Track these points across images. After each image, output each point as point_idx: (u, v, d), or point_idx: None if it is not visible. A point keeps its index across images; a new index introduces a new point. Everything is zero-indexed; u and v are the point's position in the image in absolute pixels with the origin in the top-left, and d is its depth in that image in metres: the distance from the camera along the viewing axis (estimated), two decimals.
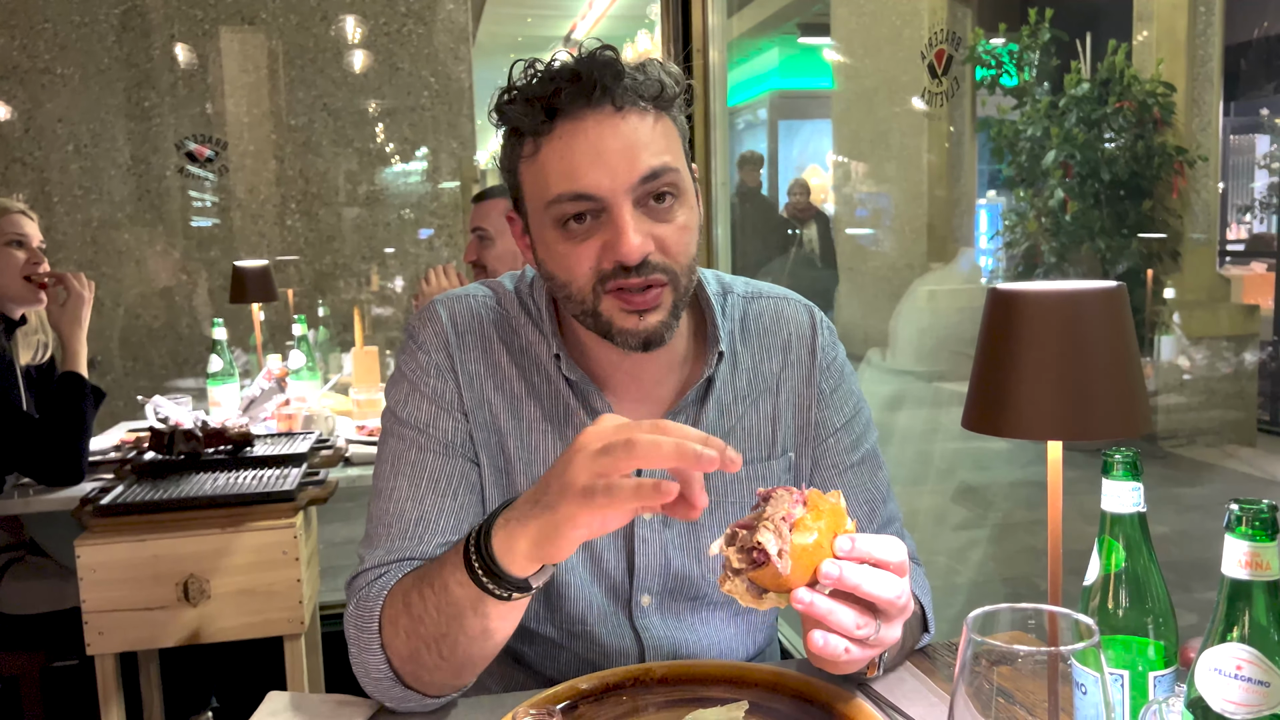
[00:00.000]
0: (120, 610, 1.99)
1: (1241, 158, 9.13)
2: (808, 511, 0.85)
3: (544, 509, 0.87)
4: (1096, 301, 0.85)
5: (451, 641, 0.96)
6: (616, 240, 0.99)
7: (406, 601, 0.99)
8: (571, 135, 1.00)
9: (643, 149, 1.00)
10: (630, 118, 1.01)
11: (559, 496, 0.85)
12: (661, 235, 1.02)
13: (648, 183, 1.00)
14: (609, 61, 1.01)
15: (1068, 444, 0.87)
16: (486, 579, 0.91)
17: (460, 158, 4.53)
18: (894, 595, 0.85)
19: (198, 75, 4.24)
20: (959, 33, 4.73)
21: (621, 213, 0.99)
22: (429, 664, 0.99)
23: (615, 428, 0.85)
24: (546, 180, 1.01)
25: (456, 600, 0.94)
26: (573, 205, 1.00)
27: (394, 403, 1.15)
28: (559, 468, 0.87)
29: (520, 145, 1.04)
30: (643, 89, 1.01)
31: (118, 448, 2.63)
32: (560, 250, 1.03)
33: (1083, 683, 0.81)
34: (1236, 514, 0.71)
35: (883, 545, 0.87)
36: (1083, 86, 5.40)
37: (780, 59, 10.00)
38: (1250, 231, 8.96)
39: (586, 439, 0.85)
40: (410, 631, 0.98)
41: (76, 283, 2.44)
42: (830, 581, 0.84)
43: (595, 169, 0.99)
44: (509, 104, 1.03)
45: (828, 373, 1.21)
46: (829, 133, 7.51)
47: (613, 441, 0.83)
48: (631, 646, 1.16)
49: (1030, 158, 5.53)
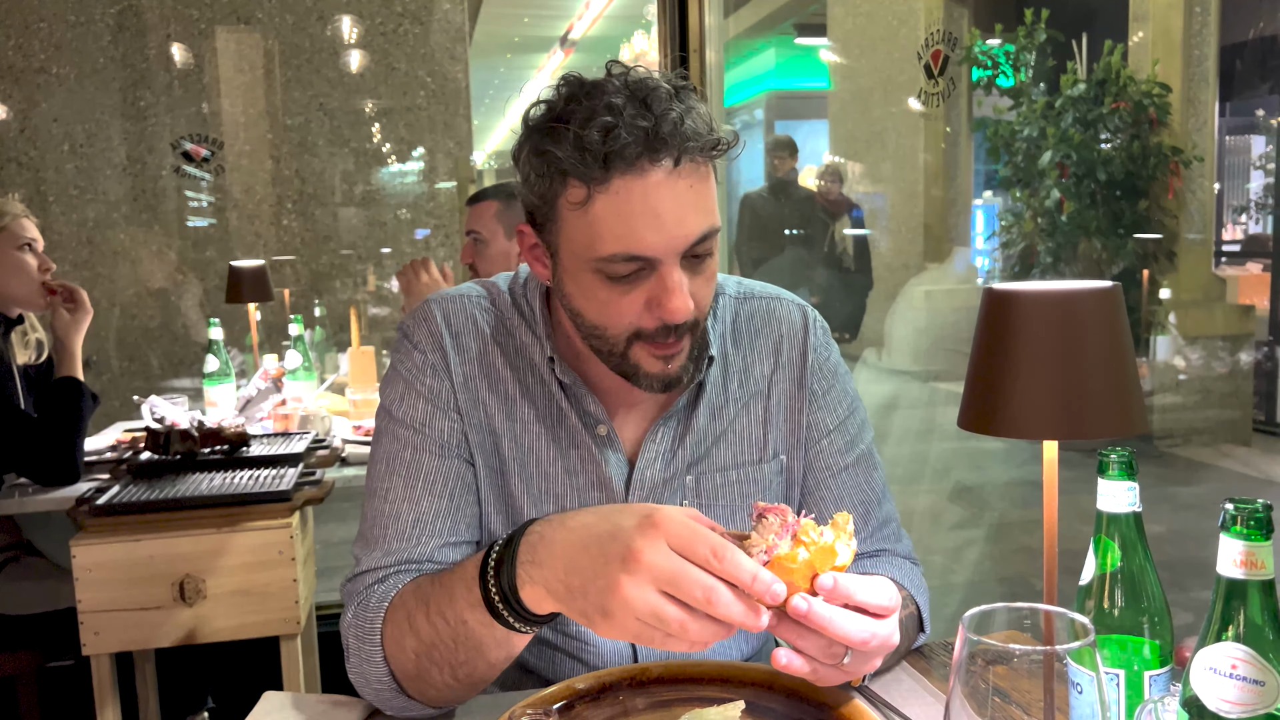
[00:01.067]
0: (116, 610, 1.99)
1: (1237, 158, 9.15)
2: (794, 546, 0.84)
3: (580, 611, 0.84)
4: (1092, 301, 0.85)
5: (470, 668, 0.96)
6: (665, 299, 0.98)
7: (413, 625, 0.98)
8: (629, 193, 0.96)
9: (696, 210, 0.98)
10: (685, 175, 0.98)
11: (599, 614, 0.82)
12: (695, 288, 1.02)
13: (696, 245, 1.00)
14: (668, 108, 0.96)
15: (1063, 443, 0.87)
16: (513, 618, 0.91)
17: (457, 158, 4.52)
18: (862, 638, 0.84)
19: (193, 75, 4.23)
20: (955, 33, 4.73)
21: (672, 272, 0.99)
22: (439, 684, 0.99)
23: (674, 571, 0.80)
24: (599, 234, 0.98)
25: (477, 636, 0.93)
26: (625, 266, 0.98)
27: (389, 401, 1.14)
28: (607, 572, 0.81)
29: (564, 184, 0.98)
30: (701, 143, 0.98)
31: (114, 448, 2.62)
32: (601, 298, 1.01)
33: (1078, 682, 0.81)
34: (1232, 513, 0.71)
35: (867, 588, 0.86)
36: (1079, 87, 5.41)
37: (777, 59, 10.01)
38: (1246, 232, 8.98)
39: (642, 562, 0.80)
40: (420, 654, 0.98)
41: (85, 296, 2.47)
42: (798, 617, 0.83)
43: (652, 232, 0.97)
44: (553, 138, 0.97)
45: (819, 373, 1.20)
46: (825, 133, 7.50)
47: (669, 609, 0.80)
48: (625, 648, 1.16)
49: (1026, 158, 5.53)
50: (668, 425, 1.15)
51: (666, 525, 0.82)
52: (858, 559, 1.19)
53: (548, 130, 0.98)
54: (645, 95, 0.97)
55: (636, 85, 0.98)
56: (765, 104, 10.42)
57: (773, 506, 0.86)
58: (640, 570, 0.80)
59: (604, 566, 0.82)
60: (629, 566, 0.80)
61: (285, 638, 2.09)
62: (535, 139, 1.00)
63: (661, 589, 0.80)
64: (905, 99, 5.73)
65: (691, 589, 0.79)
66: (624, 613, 0.80)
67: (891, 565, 1.19)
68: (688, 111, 0.98)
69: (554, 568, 0.86)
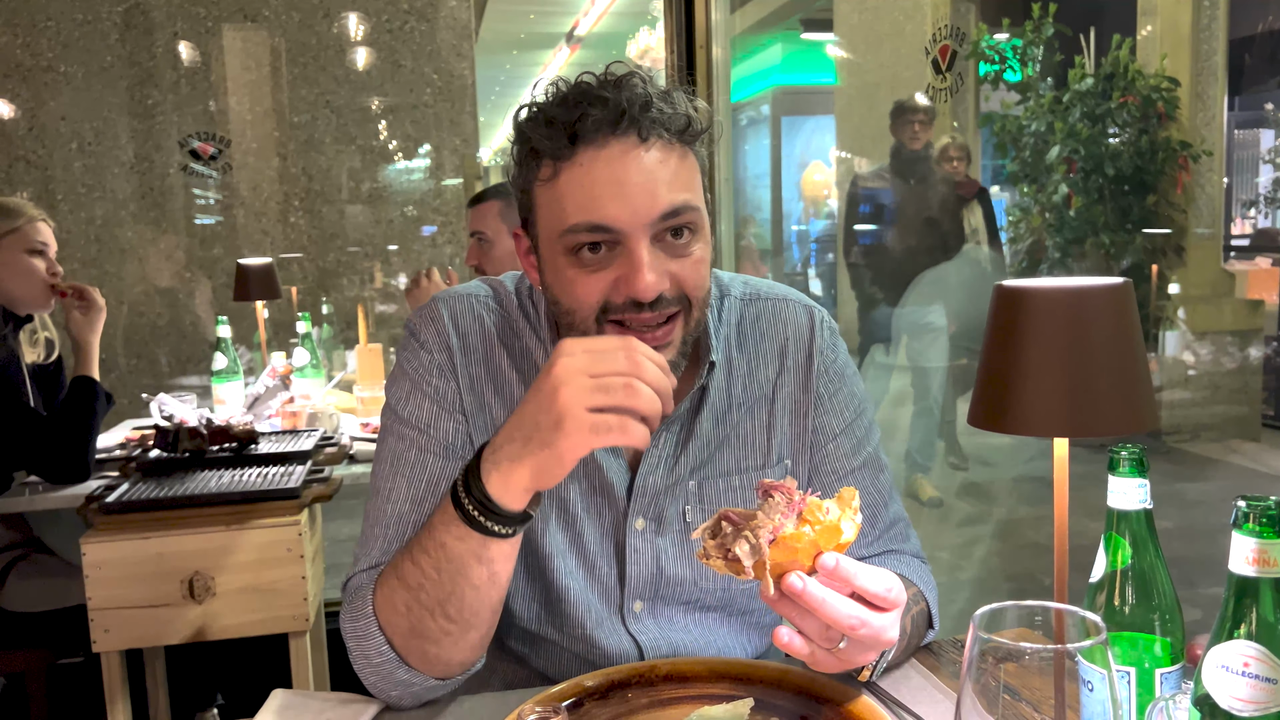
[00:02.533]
0: (126, 607, 1.99)
1: (1246, 152, 9.10)
2: (799, 525, 0.84)
3: (540, 445, 0.89)
4: (1103, 298, 0.84)
5: (459, 598, 0.96)
6: (633, 276, 0.98)
7: (400, 575, 0.99)
8: (593, 163, 0.98)
9: (664, 184, 0.99)
10: (654, 150, 0.99)
11: (556, 432, 0.88)
12: (677, 271, 1.01)
13: (667, 219, 0.99)
14: (637, 90, 0.99)
15: (1073, 440, 0.87)
16: (487, 520, 0.93)
17: (463, 155, 4.52)
18: (851, 624, 0.84)
19: (200, 73, 4.23)
20: (962, 28, 4.71)
21: (639, 248, 0.98)
22: (435, 632, 0.99)
23: (591, 355, 0.89)
24: (564, 207, 0.99)
25: (458, 555, 0.94)
26: (589, 235, 0.99)
27: (395, 400, 1.14)
28: (544, 401, 0.89)
29: (537, 167, 1.01)
30: (669, 122, 1.00)
31: (123, 445, 2.63)
32: (568, 276, 1.02)
33: (1089, 680, 0.81)
34: (1244, 510, 0.71)
35: (867, 574, 0.86)
36: (1086, 81, 5.38)
37: (783, 55, 9.98)
38: (1255, 226, 8.94)
39: (564, 371, 0.88)
40: (411, 604, 0.98)
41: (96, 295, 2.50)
42: (792, 595, 0.84)
43: (615, 201, 0.97)
44: (529, 123, 1.01)
45: (825, 376, 1.19)
46: (832, 129, 7.49)
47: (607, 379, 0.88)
48: (630, 648, 1.16)
49: (1034, 153, 5.51)
50: (670, 431, 1.14)
51: (570, 340, 0.92)
52: (866, 561, 1.19)
53: (524, 118, 1.02)
54: (617, 79, 1.00)
55: (613, 74, 1.01)
56: (771, 99, 10.39)
57: (778, 484, 0.86)
58: (564, 373, 0.88)
59: (539, 397, 0.90)
60: (555, 379, 0.89)
61: (294, 635, 2.09)
62: (516, 129, 1.04)
63: (591, 374, 0.88)
64: (912, 95, 5.71)
65: (613, 353, 0.89)
66: (570, 410, 0.87)
67: (900, 563, 1.19)
68: (660, 95, 1.00)
69: (507, 438, 0.92)
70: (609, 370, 0.88)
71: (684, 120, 1.01)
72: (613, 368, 0.88)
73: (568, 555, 1.14)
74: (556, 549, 1.14)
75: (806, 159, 10.20)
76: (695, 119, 1.02)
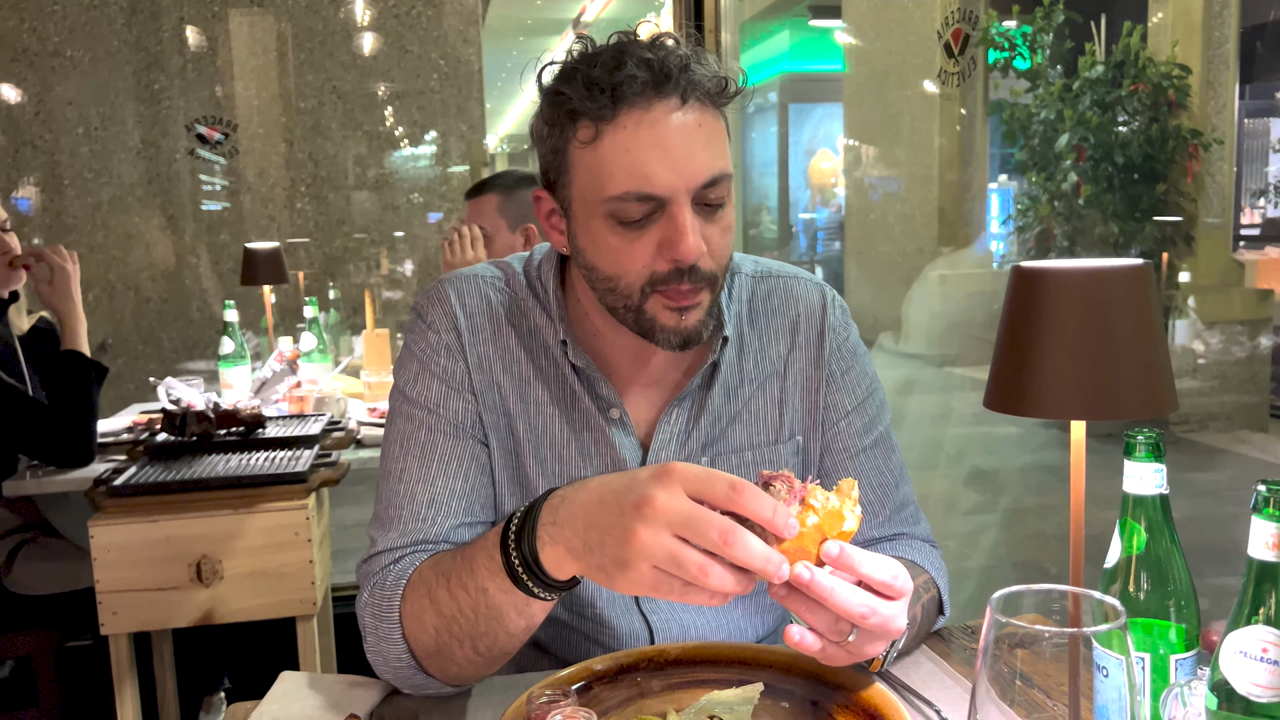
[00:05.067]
0: (134, 590, 2.00)
1: (1256, 141, 9.05)
2: (802, 512, 0.84)
3: (598, 567, 0.84)
4: (1122, 280, 0.83)
5: (491, 639, 0.96)
6: (677, 239, 0.97)
7: (433, 599, 0.97)
8: (637, 126, 0.96)
9: (705, 149, 0.98)
10: (693, 112, 0.98)
11: (617, 568, 0.82)
12: (710, 237, 1.00)
13: (709, 187, 0.99)
14: (675, 49, 0.98)
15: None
16: (533, 585, 0.90)
17: (470, 141, 4.51)
18: (861, 613, 0.83)
19: (207, 58, 4.23)
20: (974, 13, 4.68)
21: (683, 212, 0.97)
22: (460, 659, 0.98)
23: (687, 516, 0.79)
24: (609, 173, 0.98)
25: (498, 604, 0.93)
26: (638, 206, 0.98)
27: (403, 382, 1.13)
28: (623, 525, 0.81)
29: (573, 127, 0.99)
30: (708, 83, 0.99)
31: (130, 429, 2.63)
32: (613, 244, 1.00)
33: (1104, 665, 0.80)
34: (1264, 495, 0.70)
35: (872, 562, 0.85)
36: (1097, 69, 5.35)
37: (791, 42, 9.94)
38: (1265, 216, 8.89)
39: (656, 512, 0.79)
40: (440, 629, 0.97)
41: (57, 257, 2.35)
42: (800, 585, 0.82)
43: (662, 167, 0.96)
44: (566, 82, 0.99)
45: (838, 354, 1.19)
46: (840, 116, 7.46)
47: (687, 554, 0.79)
48: (641, 629, 1.15)
49: (1043, 141, 5.49)
50: (682, 406, 1.14)
51: (681, 471, 0.81)
52: (876, 543, 1.18)
53: (559, 77, 1.01)
54: (652, 40, 0.99)
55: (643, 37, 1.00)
56: (779, 86, 10.36)
57: (778, 474, 0.86)
58: (655, 515, 0.79)
59: (619, 517, 0.81)
60: (643, 513, 0.80)
61: (301, 619, 2.09)
62: (548, 90, 1.01)
63: (677, 533, 0.79)
64: (921, 82, 5.68)
65: (708, 530, 0.78)
66: (640, 560, 0.80)
67: (910, 548, 1.18)
68: (694, 56, 0.99)
69: (573, 526, 0.86)
70: (697, 537, 0.79)
71: (720, 82, 1.00)
72: (703, 538, 0.79)
73: None
74: None
75: (814, 146, 10.17)
76: (731, 80, 1.01)
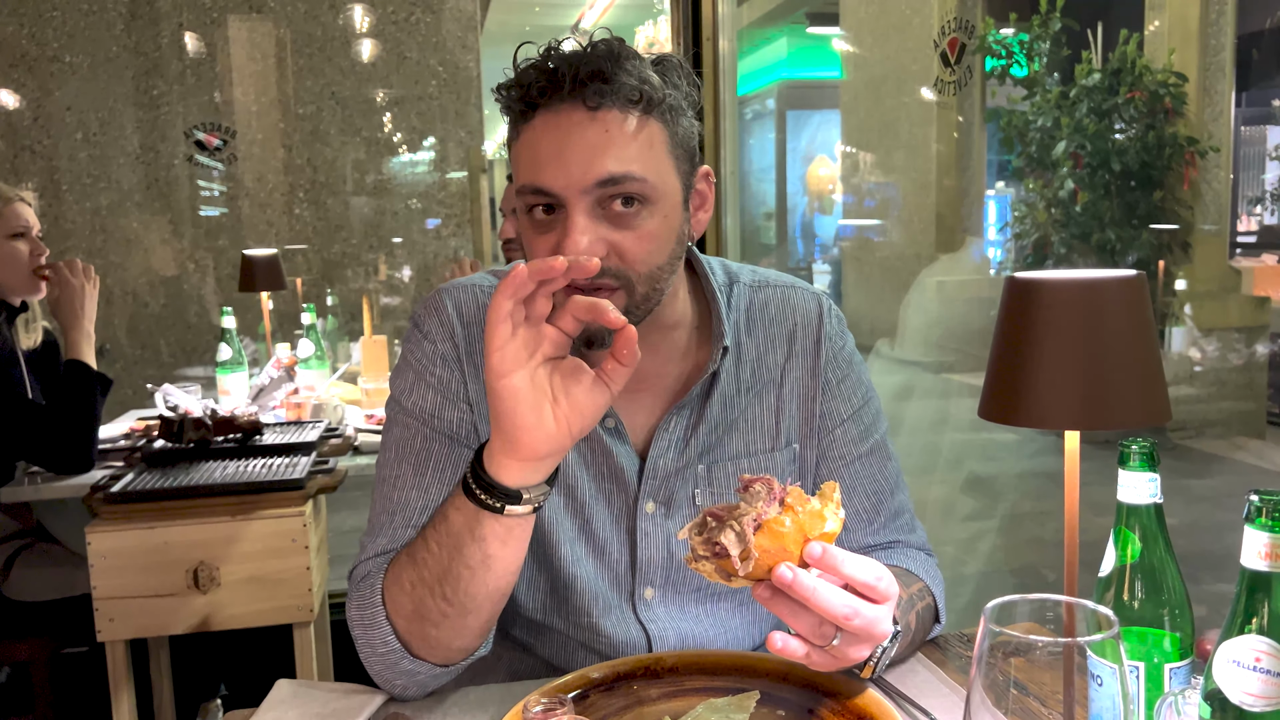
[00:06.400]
0: (130, 597, 2.00)
1: (1253, 149, 9.07)
2: (783, 513, 0.84)
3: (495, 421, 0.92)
4: (1116, 290, 0.84)
5: (454, 577, 0.96)
6: (563, 239, 0.98)
7: (410, 551, 1.00)
8: (543, 128, 1.00)
9: (605, 152, 0.98)
10: (603, 118, 0.98)
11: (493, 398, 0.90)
12: (618, 241, 1.00)
13: (605, 187, 0.98)
14: (593, 57, 0.99)
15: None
16: (480, 491, 0.93)
17: (468, 147, 4.52)
18: (845, 614, 0.84)
19: (206, 64, 4.23)
20: (970, 21, 4.69)
21: (573, 213, 0.99)
22: (435, 614, 0.99)
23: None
24: (519, 168, 1.02)
25: (456, 530, 0.95)
26: (532, 198, 1.01)
27: (399, 391, 1.14)
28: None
29: (512, 128, 1.05)
30: (622, 91, 0.99)
31: (127, 435, 2.63)
32: (529, 236, 1.05)
33: (1098, 674, 0.80)
34: (1257, 505, 0.70)
35: (856, 564, 0.86)
36: (1093, 76, 5.36)
37: (789, 49, 9.96)
38: (1261, 223, 8.91)
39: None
40: (415, 581, 0.98)
41: (69, 272, 2.37)
42: (783, 586, 0.83)
43: (553, 166, 0.98)
44: (502, 88, 1.04)
45: (834, 363, 1.20)
46: (837, 123, 7.47)
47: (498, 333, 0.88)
48: (638, 638, 1.16)
49: (1040, 148, 5.49)
50: (681, 414, 1.14)
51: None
52: (872, 551, 1.19)
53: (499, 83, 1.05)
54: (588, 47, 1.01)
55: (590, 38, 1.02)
56: (777, 93, 10.37)
57: (758, 477, 0.86)
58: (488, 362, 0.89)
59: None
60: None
61: (298, 625, 2.09)
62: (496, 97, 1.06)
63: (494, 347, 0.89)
64: (918, 89, 5.69)
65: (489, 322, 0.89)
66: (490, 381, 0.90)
67: (906, 556, 1.18)
68: (621, 68, 1.00)
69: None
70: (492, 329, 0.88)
71: (637, 91, 0.99)
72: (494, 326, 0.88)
73: (576, 543, 1.15)
74: (564, 536, 1.14)
75: (812, 153, 10.18)
76: (652, 88, 1.00)
